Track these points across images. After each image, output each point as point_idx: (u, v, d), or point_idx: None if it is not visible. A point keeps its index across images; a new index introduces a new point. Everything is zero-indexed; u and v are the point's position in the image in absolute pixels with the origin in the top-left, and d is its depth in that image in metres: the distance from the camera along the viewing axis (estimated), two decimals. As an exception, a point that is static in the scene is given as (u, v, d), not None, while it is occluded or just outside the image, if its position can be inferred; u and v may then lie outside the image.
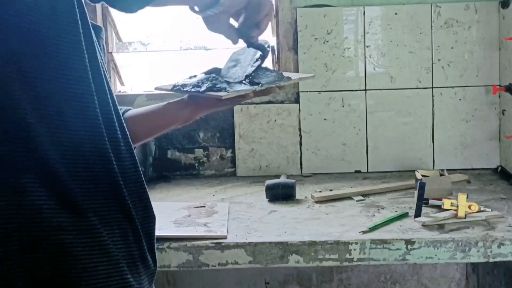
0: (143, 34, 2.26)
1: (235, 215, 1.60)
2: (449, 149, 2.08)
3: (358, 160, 2.10)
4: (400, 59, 2.06)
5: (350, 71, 2.07)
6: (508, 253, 1.33)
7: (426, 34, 2.04)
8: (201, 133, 2.14)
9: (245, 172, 2.12)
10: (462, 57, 2.05)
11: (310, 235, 1.39)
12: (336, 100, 2.08)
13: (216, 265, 1.37)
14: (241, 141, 2.12)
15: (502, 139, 2.03)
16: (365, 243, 1.35)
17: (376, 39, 2.06)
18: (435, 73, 2.06)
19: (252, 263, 1.37)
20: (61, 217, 0.86)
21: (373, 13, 2.05)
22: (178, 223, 1.50)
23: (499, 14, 2.02)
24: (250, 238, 1.39)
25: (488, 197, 1.68)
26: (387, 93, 2.08)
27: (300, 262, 1.36)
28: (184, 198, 1.82)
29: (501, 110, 2.04)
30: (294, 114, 2.10)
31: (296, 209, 1.65)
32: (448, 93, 2.07)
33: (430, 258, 1.34)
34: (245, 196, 1.83)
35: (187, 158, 2.16)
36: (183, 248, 1.37)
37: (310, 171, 2.11)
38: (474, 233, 1.36)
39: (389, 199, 1.71)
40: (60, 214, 0.86)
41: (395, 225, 1.45)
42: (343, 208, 1.63)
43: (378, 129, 2.09)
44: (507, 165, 1.97)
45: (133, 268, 0.93)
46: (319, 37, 2.06)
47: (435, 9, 2.04)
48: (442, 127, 2.08)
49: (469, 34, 2.04)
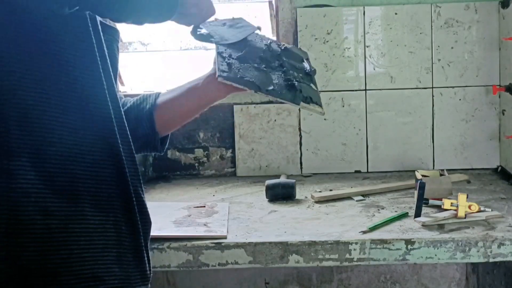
0: (143, 34, 2.26)
1: (235, 215, 1.60)
2: (449, 149, 2.08)
3: (358, 160, 2.10)
4: (400, 59, 2.06)
5: (350, 71, 2.07)
6: (508, 253, 1.33)
7: (426, 34, 2.04)
8: (201, 133, 2.14)
9: (245, 172, 2.12)
10: (462, 57, 2.05)
11: (310, 235, 1.39)
12: (336, 100, 2.08)
13: (216, 265, 1.37)
14: (241, 141, 2.12)
15: (502, 139, 2.03)
16: (365, 243, 1.35)
17: (376, 39, 2.06)
18: (435, 73, 2.06)
19: (252, 263, 1.37)
20: (48, 202, 0.85)
21: (373, 13, 2.05)
22: (178, 223, 1.50)
23: (499, 14, 2.02)
24: (250, 238, 1.39)
25: (488, 197, 1.68)
26: (387, 93, 2.08)
27: (300, 262, 1.36)
28: (184, 198, 1.82)
29: (501, 110, 2.04)
30: (294, 114, 2.10)
31: (296, 209, 1.65)
32: (448, 93, 2.07)
33: (430, 258, 1.34)
34: (245, 196, 1.83)
35: (187, 158, 2.16)
36: (183, 248, 1.37)
37: (310, 171, 2.11)
38: (474, 233, 1.36)
39: (389, 199, 1.71)
40: (48, 198, 0.85)
41: (395, 225, 1.45)
42: (343, 208, 1.63)
43: (378, 129, 2.09)
44: (507, 165, 1.97)
45: (123, 258, 0.92)
46: (319, 37, 2.06)
47: (435, 9, 2.04)
48: (442, 127, 2.08)
49: (469, 34, 2.04)
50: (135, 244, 0.95)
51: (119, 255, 0.92)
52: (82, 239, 0.88)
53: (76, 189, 0.88)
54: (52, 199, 0.86)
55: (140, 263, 0.96)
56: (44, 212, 0.85)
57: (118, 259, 0.92)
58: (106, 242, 0.90)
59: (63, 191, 0.87)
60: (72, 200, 0.87)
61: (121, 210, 0.93)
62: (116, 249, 0.92)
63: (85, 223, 0.88)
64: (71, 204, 0.87)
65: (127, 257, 0.93)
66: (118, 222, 0.92)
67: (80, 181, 0.88)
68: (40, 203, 0.85)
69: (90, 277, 0.88)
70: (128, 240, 0.93)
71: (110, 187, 0.91)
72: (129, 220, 0.94)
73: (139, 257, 0.96)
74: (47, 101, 0.87)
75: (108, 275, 0.90)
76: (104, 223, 0.90)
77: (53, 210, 0.86)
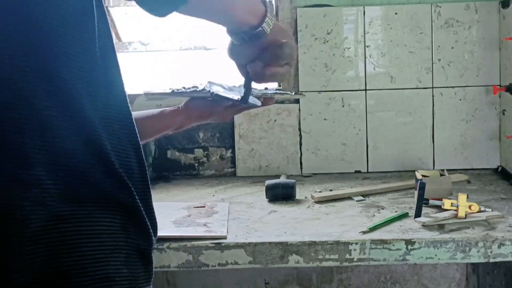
0: (143, 34, 2.26)
1: (235, 215, 1.60)
2: (449, 149, 2.08)
3: (358, 160, 2.10)
4: (400, 59, 2.06)
5: (350, 71, 2.07)
6: (508, 254, 1.33)
7: (426, 34, 2.04)
8: (201, 133, 2.14)
9: (245, 172, 2.12)
10: (462, 57, 2.05)
11: (310, 235, 1.39)
12: (336, 100, 2.08)
13: (216, 265, 1.37)
14: (241, 141, 2.11)
15: (502, 139, 2.03)
16: (365, 243, 1.35)
17: (376, 39, 2.06)
18: (435, 73, 2.06)
19: (252, 263, 1.37)
20: (61, 208, 0.85)
21: (373, 13, 2.05)
22: (178, 223, 1.50)
23: (499, 14, 2.01)
24: (250, 238, 1.39)
25: (488, 197, 1.68)
26: (387, 93, 2.07)
27: (300, 262, 1.36)
28: (184, 198, 1.82)
29: (501, 110, 2.03)
30: (294, 114, 2.10)
31: (296, 209, 1.65)
32: (448, 93, 2.06)
33: (430, 258, 1.34)
34: (245, 196, 1.83)
35: (187, 158, 2.15)
36: (183, 248, 1.37)
37: (310, 171, 2.11)
38: (474, 233, 1.36)
39: (389, 199, 1.71)
40: (61, 204, 0.85)
41: (395, 225, 1.45)
42: (343, 208, 1.63)
43: (378, 129, 2.09)
44: (507, 165, 1.97)
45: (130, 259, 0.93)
46: (319, 37, 2.06)
47: (435, 9, 2.04)
48: (442, 127, 2.08)
49: (469, 34, 2.03)
50: (142, 246, 0.95)
51: (127, 256, 0.92)
52: (94, 241, 0.88)
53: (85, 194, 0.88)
54: (64, 205, 0.86)
55: (146, 264, 0.96)
56: (56, 217, 0.85)
57: (126, 260, 0.92)
58: (116, 244, 0.90)
59: (74, 196, 0.87)
60: (82, 204, 0.87)
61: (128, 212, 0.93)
62: (125, 250, 0.92)
63: (96, 225, 0.88)
64: (82, 208, 0.87)
65: (134, 258, 0.93)
66: (126, 224, 0.92)
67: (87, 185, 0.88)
68: (53, 210, 0.85)
69: (102, 278, 0.88)
70: (136, 242, 0.93)
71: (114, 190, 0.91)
72: (136, 222, 0.94)
73: (146, 258, 0.96)
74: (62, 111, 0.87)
75: (118, 276, 0.90)
76: (112, 225, 0.90)
77: (65, 215, 0.86)
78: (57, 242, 0.85)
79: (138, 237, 0.94)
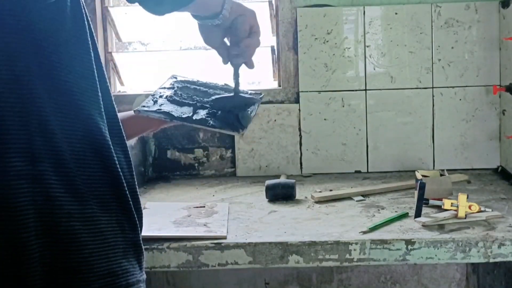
0: (143, 34, 2.25)
1: (235, 215, 1.60)
2: (449, 149, 2.08)
3: (358, 160, 2.10)
4: (400, 59, 2.06)
5: (350, 71, 2.07)
6: (508, 254, 1.33)
7: (426, 34, 2.04)
8: (201, 133, 2.14)
9: (245, 172, 2.12)
10: (462, 57, 2.05)
11: (310, 235, 1.39)
12: (336, 100, 2.08)
13: (216, 265, 1.37)
14: (241, 141, 2.11)
15: (503, 139, 2.03)
16: (365, 243, 1.35)
17: (376, 39, 2.06)
18: (435, 73, 2.06)
19: (252, 263, 1.37)
20: (70, 205, 0.90)
21: (373, 13, 2.05)
22: (178, 223, 1.50)
23: (499, 14, 2.01)
24: (250, 238, 1.39)
25: (488, 197, 1.68)
26: (387, 93, 2.07)
27: (300, 262, 1.36)
28: (184, 198, 1.82)
29: (501, 110, 2.03)
30: (294, 114, 2.09)
31: (296, 209, 1.64)
32: (448, 93, 2.06)
33: (430, 259, 1.34)
34: (245, 196, 1.83)
35: (186, 158, 2.15)
36: (183, 248, 1.37)
37: (310, 171, 2.11)
38: (474, 233, 1.36)
39: (389, 199, 1.71)
40: (69, 202, 0.89)
41: (395, 225, 1.45)
42: (343, 208, 1.63)
43: (378, 129, 2.09)
44: (507, 165, 1.97)
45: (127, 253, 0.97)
46: (319, 37, 2.06)
47: (435, 9, 2.04)
48: (442, 127, 2.08)
49: (469, 34, 2.03)
50: (135, 239, 1.00)
51: (124, 250, 0.97)
52: (98, 238, 0.93)
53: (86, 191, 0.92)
54: (72, 202, 0.90)
55: (139, 254, 1.01)
56: (68, 215, 0.89)
57: (124, 254, 0.97)
58: (115, 240, 0.95)
59: (78, 194, 0.91)
60: (85, 203, 0.92)
61: (121, 209, 0.97)
62: (123, 245, 0.97)
63: (99, 223, 0.93)
64: (86, 207, 0.92)
65: (130, 251, 0.98)
66: (121, 220, 0.97)
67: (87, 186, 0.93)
68: (64, 207, 0.89)
69: (107, 273, 0.93)
70: (130, 236, 0.98)
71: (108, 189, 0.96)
72: (129, 217, 0.99)
73: (138, 248, 1.01)
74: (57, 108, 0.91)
75: (120, 270, 0.95)
76: (110, 222, 0.95)
77: (75, 213, 0.90)
78: (69, 239, 0.89)
79: (131, 231, 0.99)
